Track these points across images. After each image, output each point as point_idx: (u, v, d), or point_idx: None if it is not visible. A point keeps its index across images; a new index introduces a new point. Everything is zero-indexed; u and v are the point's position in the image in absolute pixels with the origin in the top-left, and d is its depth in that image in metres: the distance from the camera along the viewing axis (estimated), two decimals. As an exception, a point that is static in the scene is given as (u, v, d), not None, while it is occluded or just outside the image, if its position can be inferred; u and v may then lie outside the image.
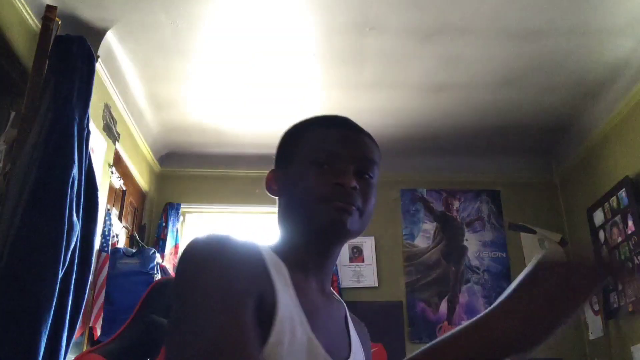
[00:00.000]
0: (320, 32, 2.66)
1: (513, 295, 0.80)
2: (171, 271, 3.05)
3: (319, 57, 2.84)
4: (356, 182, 0.84)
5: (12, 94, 2.29)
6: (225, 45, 2.73)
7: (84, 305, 2.17)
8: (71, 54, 2.25)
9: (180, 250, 3.22)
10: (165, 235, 3.55)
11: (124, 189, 3.21)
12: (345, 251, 3.73)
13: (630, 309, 2.95)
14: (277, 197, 0.91)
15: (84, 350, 2.45)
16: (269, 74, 2.95)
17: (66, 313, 1.98)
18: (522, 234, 3.81)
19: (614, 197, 3.11)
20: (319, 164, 0.84)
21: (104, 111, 2.83)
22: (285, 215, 0.88)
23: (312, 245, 0.84)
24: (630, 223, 2.95)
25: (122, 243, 3.12)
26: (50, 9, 2.26)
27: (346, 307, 0.94)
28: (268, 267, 0.75)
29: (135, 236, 3.34)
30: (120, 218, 3.15)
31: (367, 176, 0.89)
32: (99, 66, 2.48)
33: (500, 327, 0.78)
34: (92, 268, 2.28)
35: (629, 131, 3.05)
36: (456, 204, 3.89)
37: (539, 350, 0.76)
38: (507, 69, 2.94)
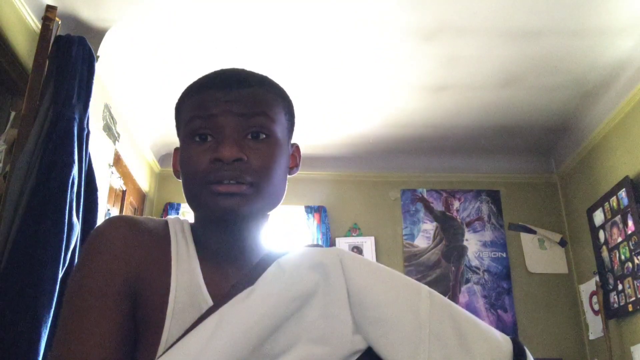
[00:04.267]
0: (321, 33, 2.66)
1: None
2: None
3: (318, 57, 2.84)
4: (242, 151, 0.71)
5: (12, 94, 2.29)
6: (225, 45, 2.73)
7: (84, 305, 2.16)
8: (71, 54, 2.25)
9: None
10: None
11: (124, 189, 3.22)
12: (345, 251, 3.73)
13: (630, 309, 2.95)
14: None
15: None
16: (268, 74, 2.94)
17: (66, 313, 1.98)
18: (522, 234, 3.81)
19: (614, 197, 3.11)
20: (197, 137, 0.73)
21: (104, 111, 2.83)
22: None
23: (213, 235, 0.75)
24: (630, 223, 2.95)
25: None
26: (50, 9, 2.26)
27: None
28: (171, 252, 0.71)
29: (135, 236, 3.34)
30: (120, 218, 3.15)
31: (262, 135, 0.73)
32: (99, 66, 2.48)
33: None
34: (92, 268, 2.28)
35: (629, 131, 3.05)
36: (456, 204, 3.89)
37: (538, 350, 0.74)
38: (507, 69, 2.94)
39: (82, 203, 2.16)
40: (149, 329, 0.67)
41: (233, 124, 0.72)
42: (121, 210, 3.19)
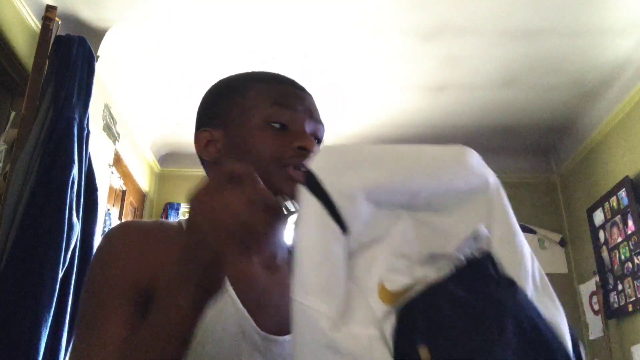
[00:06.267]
0: (320, 33, 2.66)
1: None
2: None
3: (318, 57, 2.84)
4: None
5: (12, 94, 2.29)
6: (225, 45, 2.73)
7: (84, 305, 2.16)
8: (71, 54, 2.25)
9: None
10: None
11: (124, 189, 3.22)
12: (345, 251, 3.73)
13: (630, 309, 2.95)
14: (210, 163, 0.80)
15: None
16: (269, 74, 2.95)
17: (66, 313, 1.98)
18: (522, 234, 3.81)
19: (614, 197, 3.11)
20: (276, 125, 0.76)
21: (104, 111, 2.83)
22: None
23: None
24: (630, 223, 2.95)
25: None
26: (50, 9, 2.26)
27: None
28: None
29: (135, 236, 3.34)
30: (120, 218, 3.15)
31: (317, 141, 0.81)
32: (99, 66, 2.48)
33: None
34: (92, 268, 2.28)
35: (629, 131, 3.05)
36: (456, 204, 3.89)
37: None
38: (507, 69, 2.94)
39: (82, 203, 2.16)
40: None
41: (311, 124, 0.79)
42: (121, 210, 3.19)
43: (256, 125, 0.76)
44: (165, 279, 0.67)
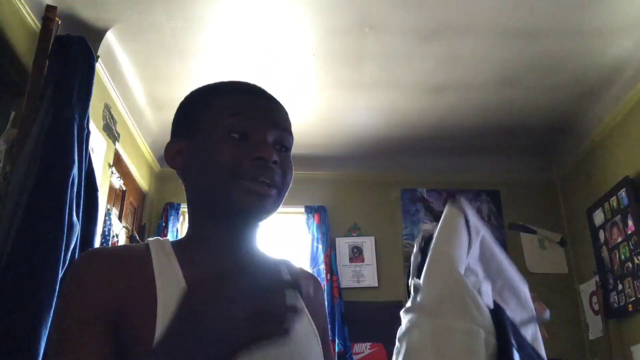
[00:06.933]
0: (320, 33, 2.66)
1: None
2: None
3: (318, 57, 2.84)
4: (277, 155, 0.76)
5: (12, 94, 2.29)
6: (225, 45, 2.73)
7: (84, 305, 2.16)
8: (71, 54, 2.25)
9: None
10: (166, 236, 3.55)
11: (124, 189, 3.21)
12: (345, 251, 3.73)
13: (630, 309, 2.95)
14: (180, 174, 0.82)
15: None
16: (269, 74, 2.95)
17: (66, 313, 1.98)
18: (522, 234, 3.81)
19: (614, 197, 3.11)
20: (235, 136, 0.76)
21: (104, 111, 2.83)
22: (194, 194, 0.80)
23: (224, 229, 0.78)
24: (630, 223, 2.95)
25: (122, 243, 3.12)
26: (50, 9, 2.26)
27: (284, 271, 0.80)
28: (153, 269, 0.73)
29: (135, 236, 3.34)
30: (120, 218, 3.15)
31: (284, 149, 0.80)
32: (99, 66, 2.48)
33: None
34: (92, 268, 2.27)
35: (629, 131, 3.05)
36: (456, 204, 3.89)
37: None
38: (507, 69, 2.94)
39: (82, 203, 2.16)
40: (138, 342, 0.68)
41: (273, 132, 0.78)
42: (121, 210, 3.19)
43: (217, 137, 0.77)
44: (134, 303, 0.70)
